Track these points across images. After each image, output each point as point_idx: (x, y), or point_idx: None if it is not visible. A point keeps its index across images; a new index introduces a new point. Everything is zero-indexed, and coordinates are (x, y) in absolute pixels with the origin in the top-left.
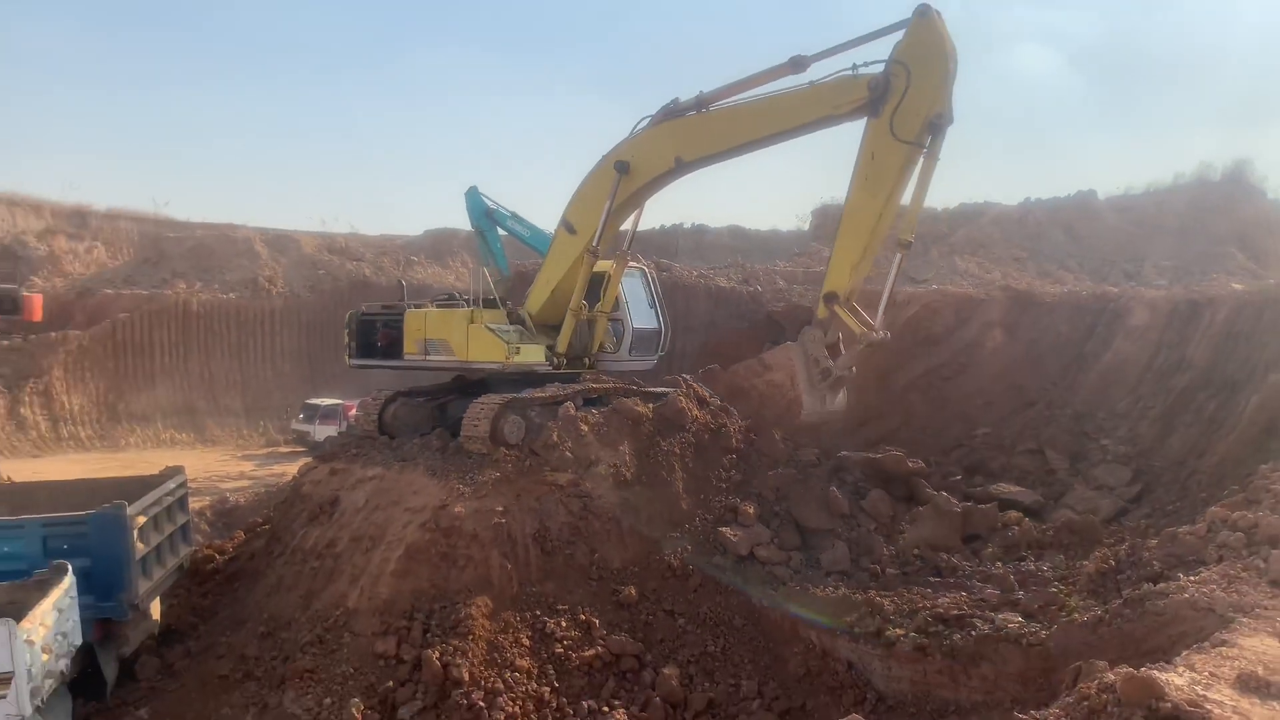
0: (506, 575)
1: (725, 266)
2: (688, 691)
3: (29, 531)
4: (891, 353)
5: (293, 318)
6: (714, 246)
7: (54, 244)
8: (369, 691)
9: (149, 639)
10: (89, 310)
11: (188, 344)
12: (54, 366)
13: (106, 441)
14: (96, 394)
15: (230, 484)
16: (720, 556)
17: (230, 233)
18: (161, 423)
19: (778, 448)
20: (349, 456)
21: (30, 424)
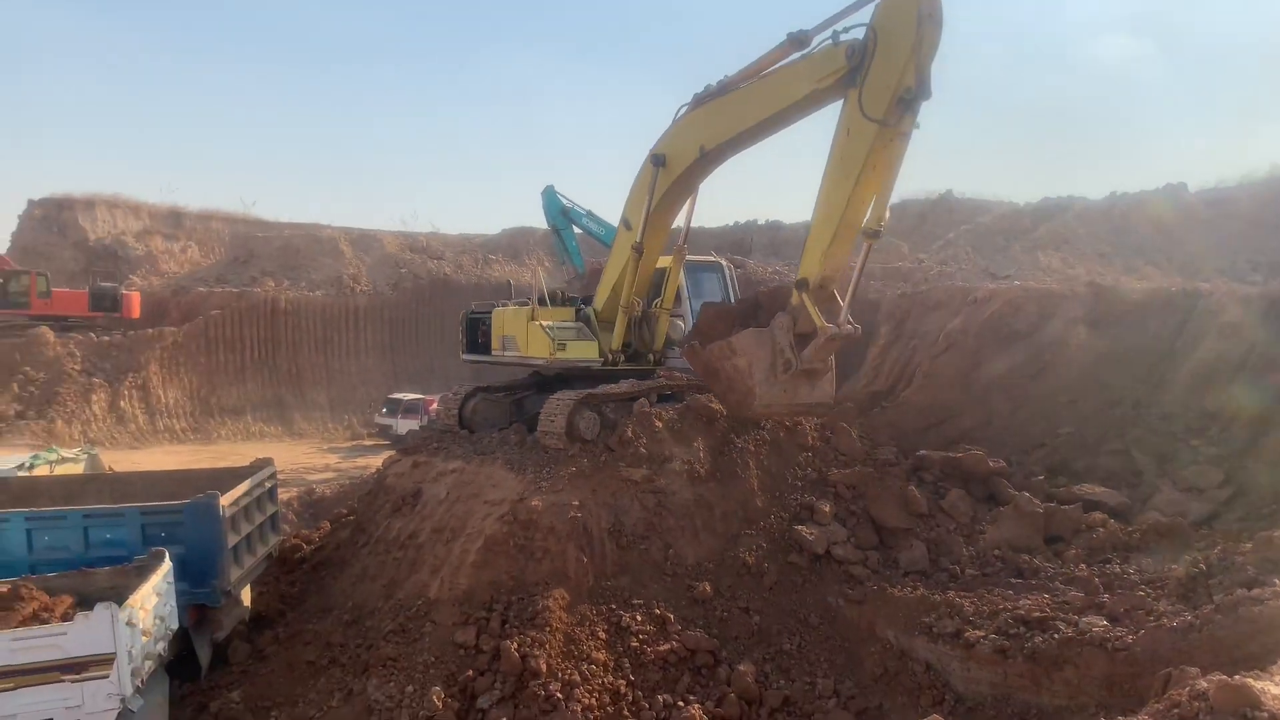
0: (583, 569)
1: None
2: (763, 688)
3: (129, 519)
4: (971, 350)
5: (376, 315)
6: (789, 243)
7: (151, 244)
8: (449, 680)
9: (240, 624)
10: (183, 307)
11: (276, 340)
12: (151, 362)
13: (199, 433)
14: (190, 388)
15: (316, 476)
16: (796, 554)
17: (316, 232)
18: (251, 415)
19: (855, 446)
20: (430, 450)
21: (129, 416)
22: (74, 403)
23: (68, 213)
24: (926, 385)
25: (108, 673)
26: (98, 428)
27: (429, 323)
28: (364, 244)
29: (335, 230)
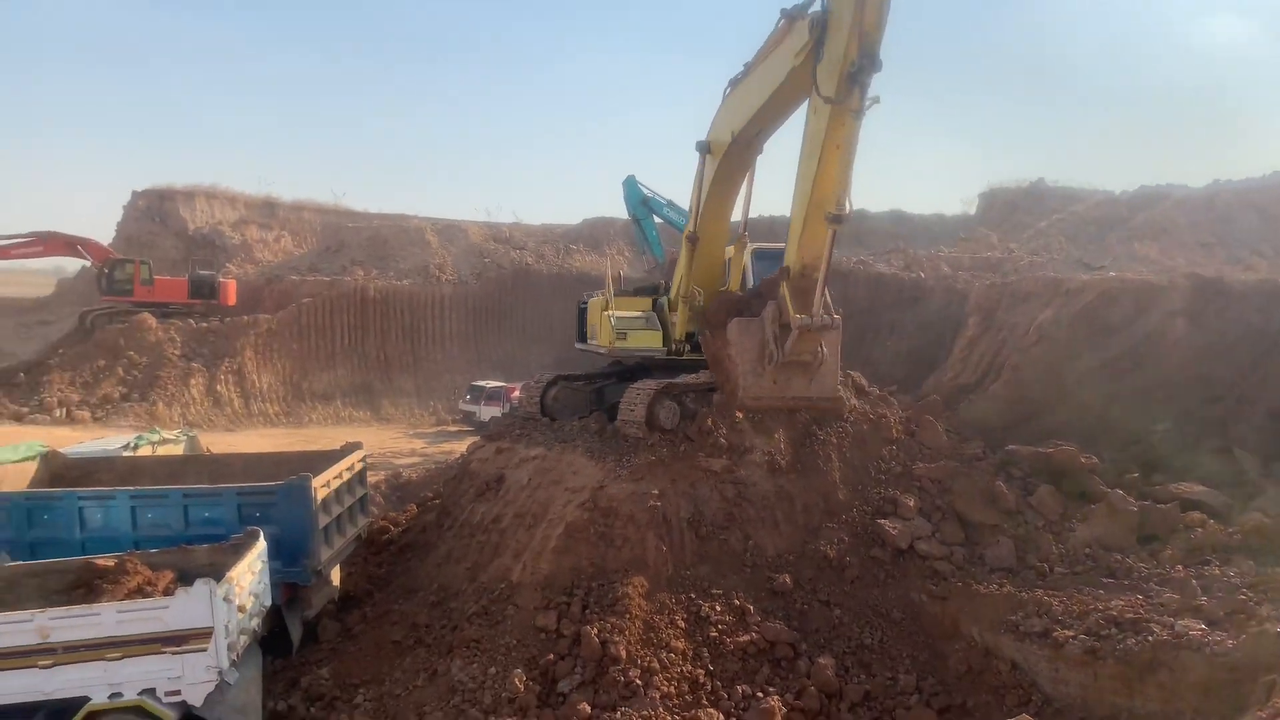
0: (662, 557)
1: (886, 252)
2: (843, 682)
3: (226, 499)
4: (1063, 343)
5: (460, 304)
6: (873, 232)
7: (246, 233)
8: (530, 663)
9: (330, 603)
10: (276, 295)
11: (365, 327)
12: (246, 348)
13: (292, 417)
14: (283, 373)
15: (403, 460)
16: (879, 549)
17: (403, 223)
18: (341, 401)
19: (941, 440)
20: (513, 437)
21: (226, 400)
22: (174, 386)
23: (169, 203)
24: (1016, 379)
25: (206, 646)
26: (196, 410)
27: (511, 311)
28: (449, 234)
29: (422, 221)
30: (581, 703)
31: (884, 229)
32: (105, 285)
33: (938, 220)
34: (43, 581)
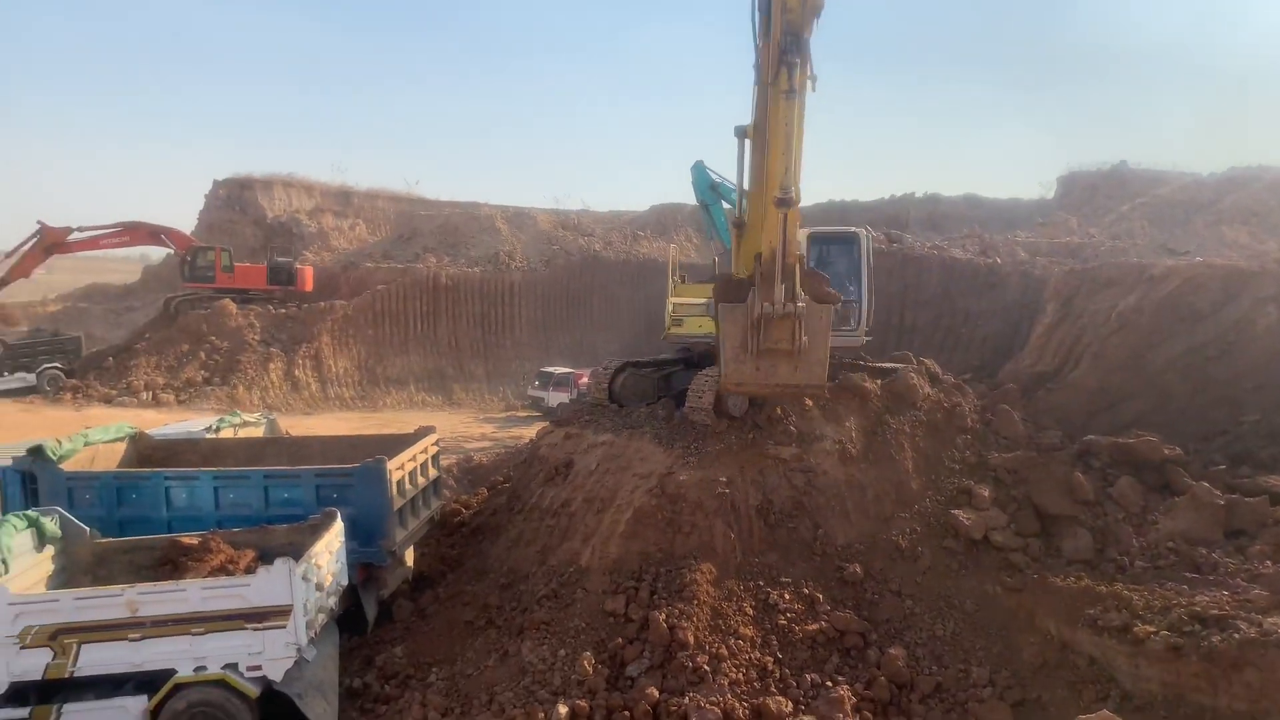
0: (730, 544)
1: (961, 237)
2: (914, 673)
3: (305, 480)
4: (1146, 330)
5: (530, 290)
6: (948, 217)
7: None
8: (599, 646)
9: (404, 584)
10: (352, 282)
11: (437, 314)
12: (323, 333)
13: (366, 401)
14: (358, 358)
15: (474, 444)
16: (951, 539)
17: (474, 211)
18: (414, 385)
19: (1017, 429)
20: (582, 422)
21: (303, 384)
22: (253, 370)
23: (248, 192)
24: (1096, 367)
25: (285, 623)
26: (274, 394)
27: (579, 298)
28: (519, 221)
29: (492, 208)
30: (649, 687)
31: (959, 213)
32: (188, 272)
33: (1014, 204)
34: (132, 557)
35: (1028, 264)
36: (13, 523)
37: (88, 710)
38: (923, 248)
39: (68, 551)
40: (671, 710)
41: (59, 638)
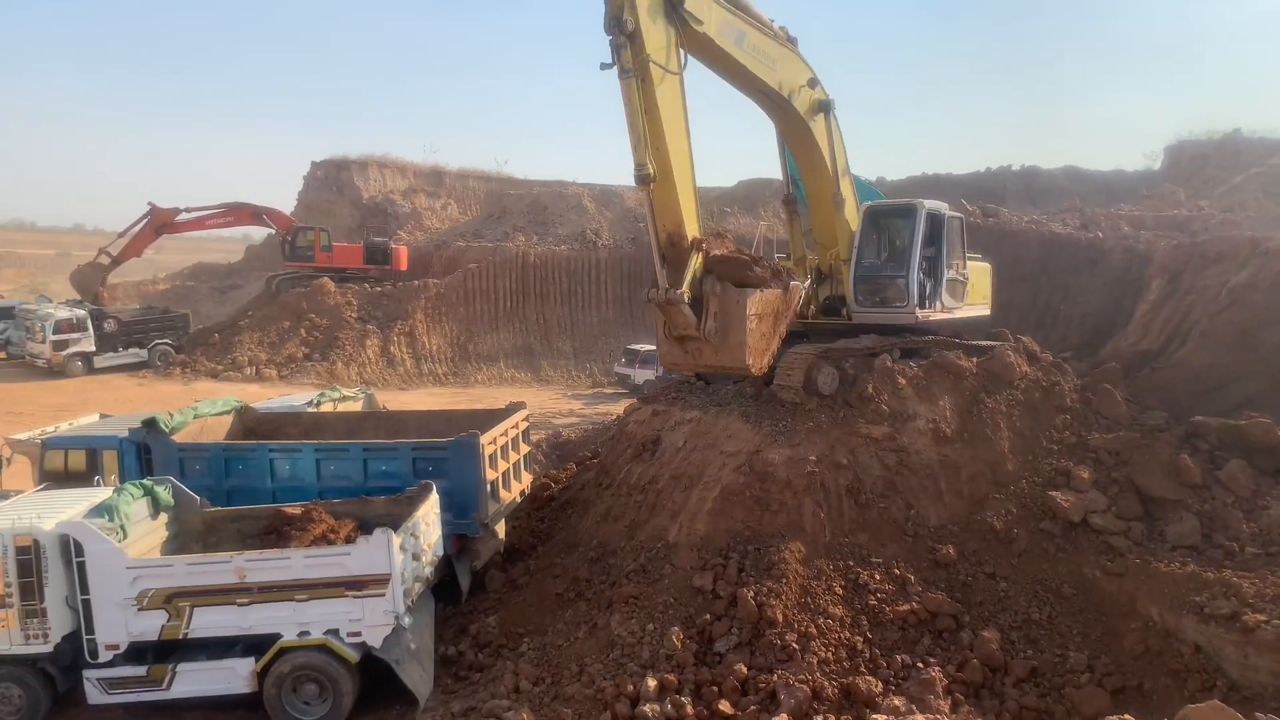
0: (819, 523)
1: (1060, 211)
2: (1008, 657)
3: (402, 453)
4: (1259, 307)
5: (616, 268)
6: (1047, 190)
7: (416, 201)
8: (687, 622)
9: (496, 555)
10: (444, 260)
11: (525, 291)
12: (417, 311)
13: (459, 377)
14: (451, 335)
15: (562, 420)
16: (1049, 521)
17: (562, 189)
18: (504, 362)
19: (1119, 408)
20: (669, 399)
21: (398, 360)
22: (351, 347)
23: (344, 173)
24: (1204, 345)
25: (384, 591)
26: (371, 370)
27: None
28: (605, 199)
29: (579, 187)
30: (738, 663)
31: (1058, 186)
32: (288, 252)
33: (1118, 176)
34: (239, 526)
35: (1131, 238)
36: (130, 491)
37: (200, 670)
38: (1020, 222)
39: (180, 519)
40: (760, 686)
41: (173, 601)
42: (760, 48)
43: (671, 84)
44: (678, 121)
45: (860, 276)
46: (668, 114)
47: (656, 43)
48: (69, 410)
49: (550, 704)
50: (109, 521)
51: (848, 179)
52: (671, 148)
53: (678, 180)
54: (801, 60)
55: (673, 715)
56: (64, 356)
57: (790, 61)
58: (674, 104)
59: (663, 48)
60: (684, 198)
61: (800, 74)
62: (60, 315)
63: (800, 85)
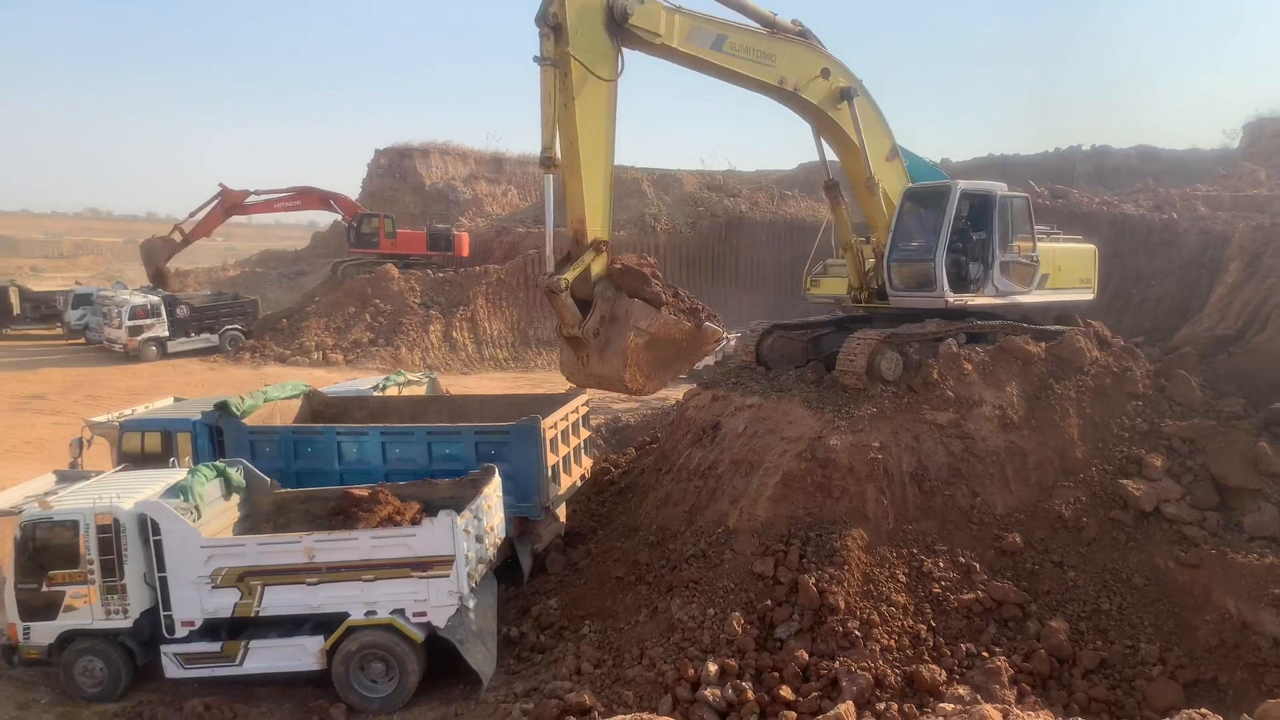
0: (882, 510)
1: (1133, 191)
2: (1077, 647)
3: (465, 437)
4: None
5: (675, 253)
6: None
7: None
8: (748, 607)
9: (557, 538)
10: (505, 246)
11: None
12: (478, 296)
13: (519, 362)
14: (511, 320)
15: (621, 405)
16: (1120, 510)
17: (620, 174)
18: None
19: (1194, 395)
20: (729, 385)
21: (460, 345)
22: (414, 332)
23: (407, 160)
24: None
25: (448, 572)
26: (434, 355)
27: (724, 260)
28: (664, 184)
29: (638, 171)
30: (799, 649)
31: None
32: (354, 238)
33: (1193, 155)
34: (308, 507)
35: (1208, 219)
36: (204, 472)
37: (271, 647)
38: (1090, 203)
39: (251, 500)
40: (821, 673)
41: (245, 579)
42: (749, 46)
43: (596, 87)
44: (596, 122)
45: (893, 260)
46: (584, 113)
47: (583, 44)
48: (144, 394)
49: (611, 686)
50: (184, 502)
51: (892, 163)
52: (584, 146)
53: (585, 179)
54: (813, 51)
55: (734, 700)
56: (139, 341)
57: (795, 55)
58: (596, 107)
59: (591, 50)
60: (590, 196)
61: (810, 66)
62: (136, 301)
63: (811, 77)
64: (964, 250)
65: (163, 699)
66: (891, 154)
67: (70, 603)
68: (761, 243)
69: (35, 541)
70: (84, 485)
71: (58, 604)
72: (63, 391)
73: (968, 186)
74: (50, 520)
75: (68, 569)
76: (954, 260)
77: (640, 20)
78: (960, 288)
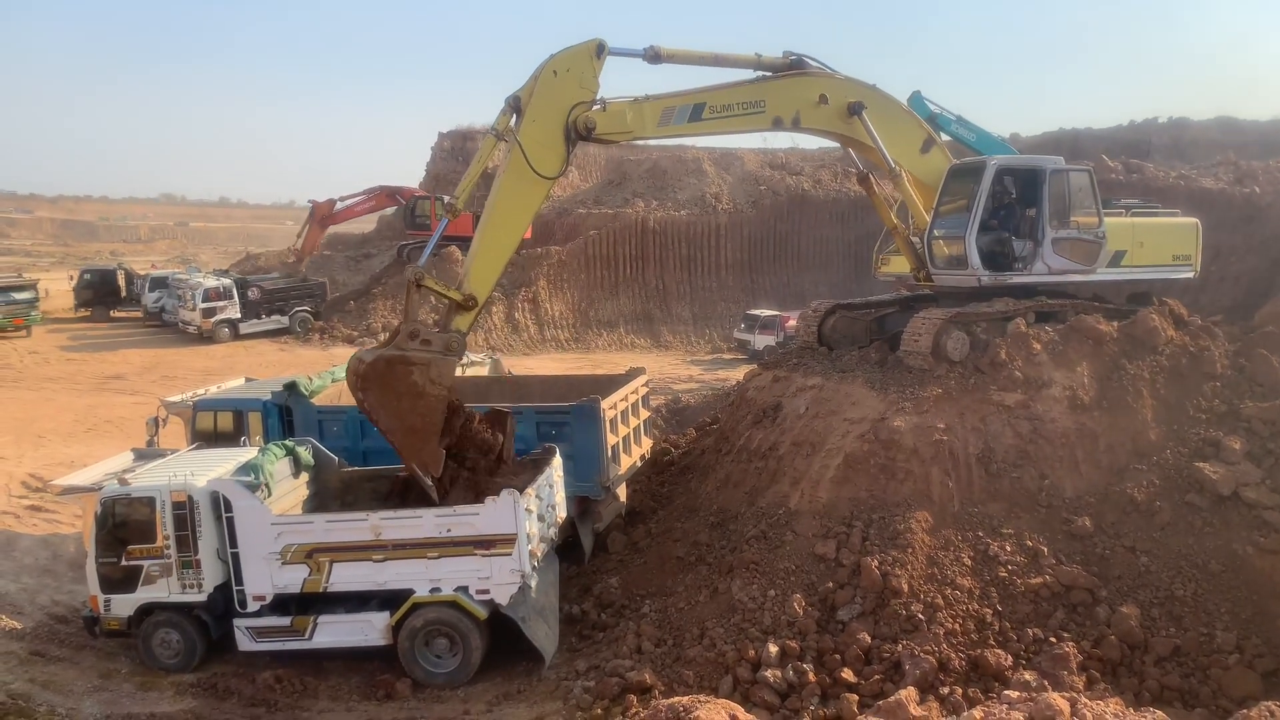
0: (947, 493)
1: (1212, 165)
2: (1149, 634)
3: (526, 417)
4: None
5: (736, 232)
6: (1198, 143)
7: None
8: (809, 589)
9: (618, 518)
10: (566, 228)
11: (645, 257)
12: (539, 278)
13: (580, 343)
14: (572, 301)
15: (681, 385)
16: (1195, 494)
17: (681, 154)
18: (624, 328)
19: (1276, 375)
20: (790, 365)
21: (522, 326)
22: None
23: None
24: None
25: (511, 550)
26: (497, 336)
27: (786, 239)
28: (725, 163)
29: (699, 150)
30: (861, 632)
31: (1209, 139)
32: (408, 221)
33: (1276, 126)
34: (374, 486)
35: None
36: (274, 451)
37: (339, 622)
38: (1166, 177)
39: (319, 479)
40: (884, 656)
41: (314, 556)
42: (732, 103)
43: (531, 182)
44: (520, 205)
45: (930, 239)
46: (510, 193)
47: (536, 136)
48: (217, 374)
49: (672, 665)
50: (255, 479)
51: (929, 154)
52: (498, 218)
53: (486, 242)
54: (806, 80)
55: (795, 681)
56: (212, 323)
57: (785, 91)
58: (524, 197)
59: (541, 145)
60: (484, 258)
61: (804, 96)
62: (209, 284)
63: (810, 103)
64: (1010, 227)
65: (236, 670)
66: (926, 145)
67: (148, 576)
68: (825, 221)
69: (114, 517)
70: (160, 463)
71: (136, 577)
72: (140, 372)
73: (1006, 162)
74: (129, 496)
75: (145, 544)
76: (995, 238)
77: (606, 128)
78: (1001, 265)
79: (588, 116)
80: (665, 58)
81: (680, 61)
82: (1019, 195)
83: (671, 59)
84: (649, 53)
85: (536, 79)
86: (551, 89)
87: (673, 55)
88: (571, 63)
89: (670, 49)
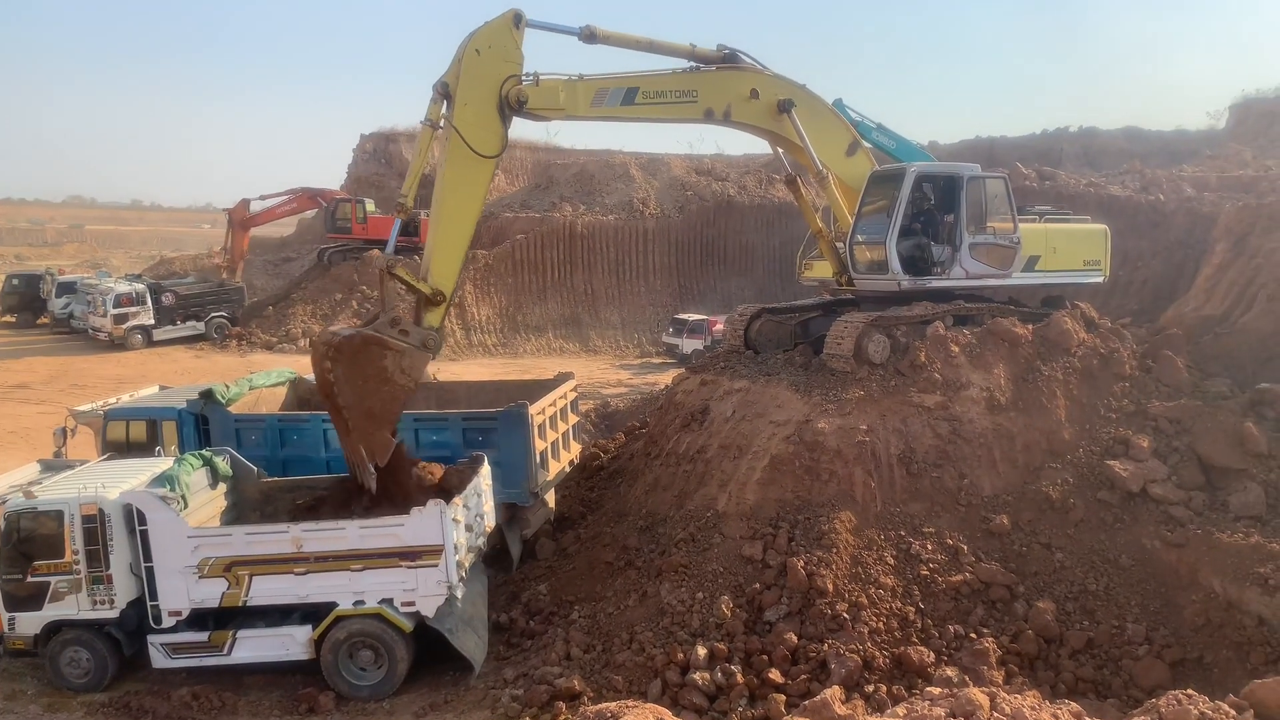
0: (870, 493)
1: (1120, 173)
2: (1064, 628)
3: (452, 424)
4: None
5: (663, 237)
6: (1106, 151)
7: None
8: (737, 591)
9: (546, 524)
10: (492, 232)
11: (573, 262)
12: (465, 282)
13: (507, 348)
14: (499, 306)
15: (610, 390)
16: (1106, 491)
17: (609, 158)
18: (552, 332)
19: (1180, 375)
20: (717, 369)
21: (448, 331)
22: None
23: (393, 145)
24: (1271, 310)
25: (437, 562)
26: None
27: (713, 244)
28: (653, 168)
29: (626, 156)
30: (788, 632)
31: (1117, 147)
32: (329, 224)
33: (1179, 136)
34: (295, 496)
35: (1194, 200)
36: (190, 461)
37: (259, 637)
38: (1077, 184)
39: (238, 489)
40: (810, 656)
41: (233, 569)
42: (665, 90)
43: (475, 164)
44: (468, 192)
45: (852, 244)
46: (456, 182)
47: (470, 119)
48: (129, 382)
49: (601, 671)
50: (170, 491)
51: (854, 156)
52: (448, 209)
53: (442, 235)
54: (738, 74)
55: (723, 683)
56: (124, 329)
57: (717, 84)
58: (470, 183)
59: (476, 126)
60: (442, 252)
61: (736, 89)
62: (120, 289)
63: (741, 97)
64: (929, 233)
65: (150, 689)
66: (852, 148)
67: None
68: (750, 227)
69: (20, 532)
70: (68, 475)
71: (43, 594)
72: (47, 381)
73: (926, 169)
74: (35, 510)
75: (52, 559)
76: (915, 243)
77: (538, 103)
78: (920, 270)
79: (519, 90)
80: (600, 38)
81: (615, 44)
82: (938, 201)
83: (606, 40)
84: (584, 31)
85: (460, 60)
86: (477, 68)
87: (608, 37)
88: (492, 38)
89: (605, 30)
